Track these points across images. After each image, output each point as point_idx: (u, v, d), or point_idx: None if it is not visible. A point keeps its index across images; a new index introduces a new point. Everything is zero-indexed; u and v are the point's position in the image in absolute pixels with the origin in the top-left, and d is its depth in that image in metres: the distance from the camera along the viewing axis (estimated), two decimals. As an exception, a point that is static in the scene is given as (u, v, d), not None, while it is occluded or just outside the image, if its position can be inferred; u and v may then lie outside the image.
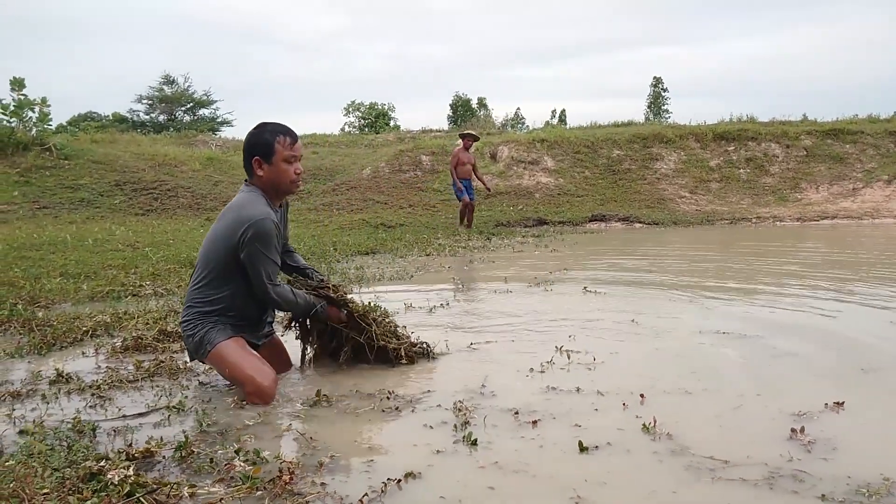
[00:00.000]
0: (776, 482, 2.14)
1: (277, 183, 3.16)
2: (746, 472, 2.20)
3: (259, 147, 3.11)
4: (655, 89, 58.97)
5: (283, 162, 3.11)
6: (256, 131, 3.15)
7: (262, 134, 3.12)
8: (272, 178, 3.13)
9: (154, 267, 7.10)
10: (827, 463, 2.28)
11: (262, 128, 3.15)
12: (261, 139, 3.11)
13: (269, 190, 3.17)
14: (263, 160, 3.11)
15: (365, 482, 2.15)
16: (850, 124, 20.69)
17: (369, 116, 44.57)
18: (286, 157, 3.11)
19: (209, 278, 3.12)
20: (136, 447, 2.32)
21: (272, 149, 3.09)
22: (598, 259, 8.69)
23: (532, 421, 2.68)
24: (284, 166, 3.12)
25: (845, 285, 6.09)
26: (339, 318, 3.43)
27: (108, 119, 39.83)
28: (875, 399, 3.00)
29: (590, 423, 2.67)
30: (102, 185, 16.17)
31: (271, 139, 3.10)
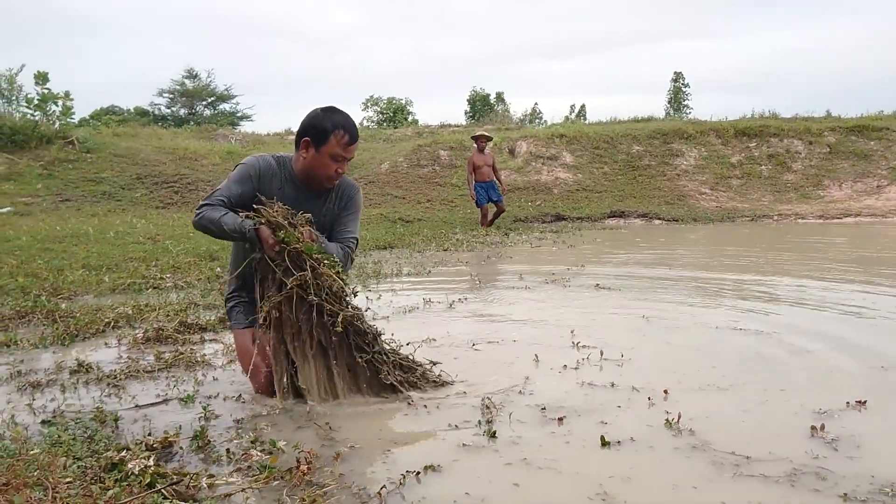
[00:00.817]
0: (798, 479, 2.12)
1: (313, 171, 3.02)
2: (769, 469, 2.19)
3: (314, 131, 2.96)
4: (676, 84, 58.32)
5: (329, 156, 2.96)
6: (321, 115, 2.97)
7: (324, 120, 2.95)
8: (311, 165, 3.00)
9: (174, 260, 7.17)
10: (851, 461, 2.26)
11: (329, 114, 2.98)
12: (320, 124, 2.95)
13: (301, 172, 3.05)
14: (312, 145, 2.96)
15: (384, 474, 2.16)
16: (875, 120, 20.37)
17: (387, 111, 44.57)
18: (335, 154, 2.96)
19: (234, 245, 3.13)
20: (155, 437, 2.34)
21: (326, 139, 2.94)
22: (617, 255, 8.64)
23: (558, 417, 2.68)
24: (328, 161, 2.97)
25: (867, 283, 6.00)
26: (272, 244, 2.80)
27: (129, 113, 40.23)
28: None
29: (614, 419, 2.68)
30: (124, 179, 16.34)
31: (330, 129, 2.94)
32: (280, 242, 2.75)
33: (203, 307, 4.94)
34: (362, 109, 47.03)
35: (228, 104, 43.30)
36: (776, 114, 22.52)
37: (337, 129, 2.93)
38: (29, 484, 1.84)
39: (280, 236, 2.75)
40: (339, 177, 3.04)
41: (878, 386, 3.13)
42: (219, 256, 7.48)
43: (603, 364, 3.49)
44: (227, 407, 2.83)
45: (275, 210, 2.82)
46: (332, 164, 2.97)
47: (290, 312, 2.80)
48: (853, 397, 2.83)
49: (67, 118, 18.94)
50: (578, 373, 3.34)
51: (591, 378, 3.23)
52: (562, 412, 2.73)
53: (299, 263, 2.79)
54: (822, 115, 22.53)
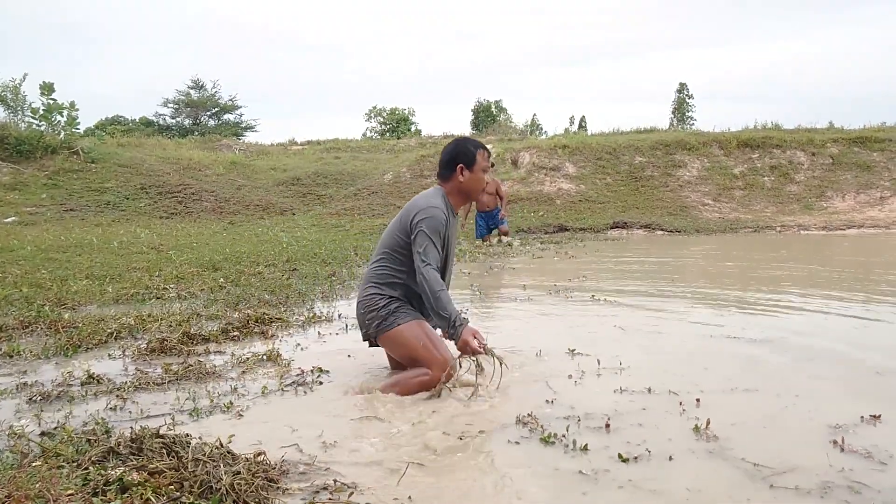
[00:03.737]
0: (830, 492, 2.16)
1: (471, 188, 3.52)
2: (797, 479, 2.23)
3: (464, 156, 3.48)
4: (680, 95, 58.53)
5: (480, 171, 3.50)
6: (462, 142, 3.55)
7: (467, 145, 3.53)
8: (469, 184, 3.50)
9: (178, 270, 7.19)
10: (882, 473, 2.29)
11: (466, 141, 3.57)
12: (466, 149, 3.50)
13: (459, 193, 3.53)
14: (466, 167, 3.47)
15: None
16: (878, 132, 20.40)
17: (391, 121, 44.75)
18: (483, 168, 3.52)
19: (386, 259, 3.44)
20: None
21: (475, 159, 3.48)
22: (618, 266, 8.63)
23: (605, 424, 2.72)
24: (480, 175, 3.52)
25: (869, 294, 5.99)
26: (469, 348, 3.14)
27: (134, 123, 40.44)
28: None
29: (639, 428, 2.67)
30: (128, 189, 16.42)
31: (474, 151, 3.50)
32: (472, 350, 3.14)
33: (206, 318, 4.94)
34: (365, 120, 47.29)
35: (233, 115, 43.52)
36: (779, 125, 22.58)
37: (479, 149, 3.53)
38: (30, 496, 1.84)
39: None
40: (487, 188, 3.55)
41: (886, 393, 3.17)
42: (221, 267, 7.50)
43: (608, 374, 3.49)
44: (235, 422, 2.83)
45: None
46: (483, 178, 3.55)
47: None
48: (866, 405, 2.88)
49: (72, 128, 19.04)
50: (587, 383, 3.35)
51: (599, 387, 3.25)
52: (591, 420, 2.73)
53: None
54: (825, 127, 22.57)
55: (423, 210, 3.34)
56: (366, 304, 3.41)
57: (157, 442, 2.27)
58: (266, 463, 2.24)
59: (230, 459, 2.21)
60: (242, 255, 8.54)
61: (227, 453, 2.24)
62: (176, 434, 2.38)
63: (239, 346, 4.18)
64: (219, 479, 2.05)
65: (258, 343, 4.29)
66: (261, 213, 16.18)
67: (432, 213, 3.34)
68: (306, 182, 18.69)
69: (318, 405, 3.07)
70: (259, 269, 7.45)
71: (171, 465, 2.14)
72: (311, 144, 27.53)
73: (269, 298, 5.69)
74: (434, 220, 3.33)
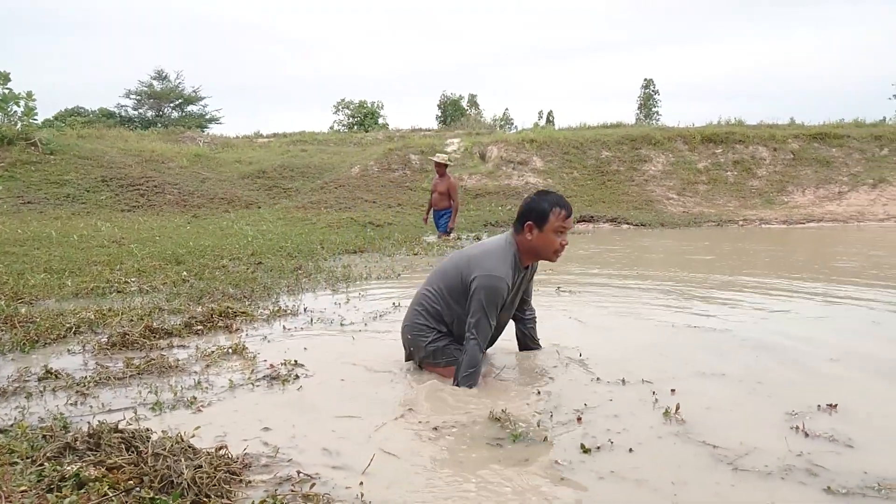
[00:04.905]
0: (790, 474, 2.22)
1: (541, 250, 3.27)
2: (759, 461, 2.28)
3: (535, 213, 3.23)
4: (646, 91, 59.17)
5: (552, 232, 3.22)
6: (537, 198, 3.27)
7: (541, 202, 3.24)
8: (538, 245, 3.25)
9: (140, 263, 7.06)
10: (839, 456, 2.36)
11: (543, 196, 3.28)
12: (539, 207, 3.23)
13: (528, 252, 3.30)
14: (536, 226, 3.22)
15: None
16: (837, 128, 20.87)
17: (358, 115, 44.47)
18: (557, 228, 3.22)
19: (439, 295, 3.37)
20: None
21: (546, 218, 3.21)
22: (585, 260, 8.71)
23: (577, 417, 2.74)
24: (552, 236, 3.23)
25: (826, 285, 6.14)
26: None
27: (94, 114, 39.55)
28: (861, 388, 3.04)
29: (612, 419, 2.69)
30: (88, 181, 16.05)
31: (548, 209, 3.21)
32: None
33: (169, 312, 4.86)
34: (333, 113, 46.92)
35: (197, 106, 42.84)
36: (742, 121, 22.94)
37: (554, 207, 3.22)
38: (-17, 493, 1.79)
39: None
40: (564, 248, 3.30)
41: (841, 380, 3.27)
42: (184, 260, 7.38)
43: (577, 366, 3.51)
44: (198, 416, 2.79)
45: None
46: (556, 239, 3.23)
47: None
48: (824, 392, 2.97)
49: (30, 119, 18.55)
50: (565, 375, 3.37)
51: (574, 377, 3.27)
52: (564, 413, 2.75)
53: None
54: (787, 123, 23.00)
55: (487, 276, 3.14)
56: (414, 332, 3.42)
57: (115, 437, 2.23)
58: (228, 456, 2.21)
59: (191, 454, 2.17)
60: (206, 249, 8.41)
61: (188, 447, 2.21)
62: (136, 429, 2.33)
63: (203, 340, 4.12)
64: (180, 474, 2.01)
65: (222, 337, 4.23)
66: (225, 206, 15.96)
67: (494, 285, 3.14)
68: (272, 175, 18.48)
69: (287, 400, 3.04)
70: (223, 262, 7.35)
71: (131, 461, 2.10)
72: (277, 137, 27.22)
73: (233, 292, 5.61)
74: (494, 293, 3.15)
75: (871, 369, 3.57)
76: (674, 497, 2.05)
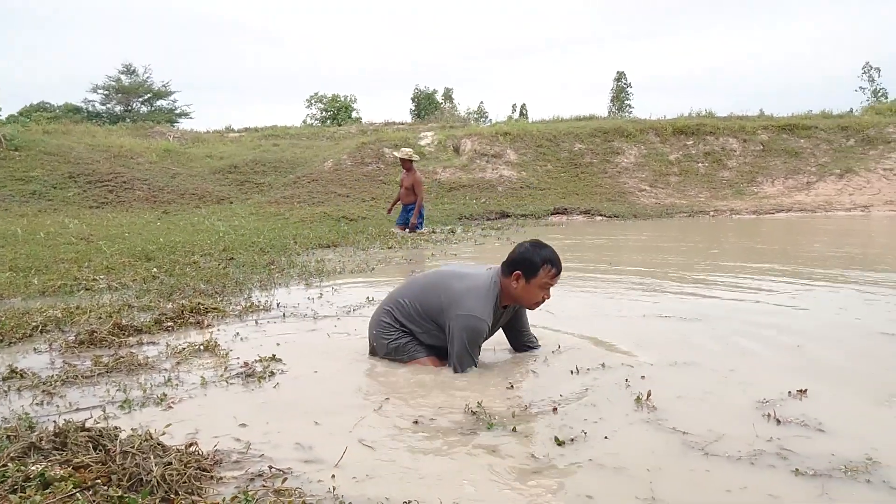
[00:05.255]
0: (759, 458, 2.25)
1: (522, 299, 3.33)
2: (729, 447, 2.30)
3: (526, 264, 3.26)
4: (619, 84, 59.51)
5: (538, 286, 3.27)
6: (532, 250, 3.30)
7: (534, 255, 3.27)
8: (521, 294, 3.30)
9: (108, 260, 6.94)
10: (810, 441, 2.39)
11: (538, 250, 3.30)
12: (531, 260, 3.26)
13: (510, 297, 3.34)
14: (524, 277, 3.25)
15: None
16: (805, 120, 21.20)
17: (331, 109, 44.18)
18: (543, 284, 3.28)
19: (413, 309, 3.40)
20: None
21: (536, 273, 3.25)
22: (559, 251, 8.75)
23: (552, 409, 2.73)
24: (537, 290, 3.28)
25: (795, 274, 6.24)
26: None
27: (61, 110, 38.78)
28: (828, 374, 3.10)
29: (588, 407, 2.70)
30: (55, 177, 15.74)
31: (539, 265, 3.25)
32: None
33: (138, 309, 4.78)
34: (306, 107, 46.60)
35: (166, 101, 42.23)
36: (712, 113, 23.22)
37: (546, 264, 3.26)
38: (-56, 496, 1.75)
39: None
40: (544, 302, 3.36)
41: (810, 366, 3.33)
42: (155, 257, 7.27)
43: (553, 356, 3.53)
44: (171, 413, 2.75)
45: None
46: (539, 293, 3.29)
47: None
48: (793, 379, 3.01)
49: (-7, 114, 18.12)
50: (547, 363, 3.38)
51: (550, 368, 3.28)
52: (540, 404, 2.75)
53: None
54: (756, 115, 23.31)
55: (468, 317, 3.20)
56: (378, 329, 3.48)
57: (82, 435, 2.18)
58: (198, 453, 2.17)
59: (161, 451, 2.14)
60: (177, 245, 8.30)
61: (157, 445, 2.17)
62: (103, 427, 2.29)
63: (174, 337, 4.06)
64: (149, 471, 1.98)
65: (194, 333, 4.17)
66: (196, 201, 15.76)
67: (475, 326, 3.21)
68: (244, 170, 18.27)
69: (259, 395, 3.01)
70: (194, 258, 7.25)
71: (98, 459, 2.06)
72: (248, 131, 26.93)
73: (204, 288, 5.54)
74: (475, 333, 3.23)
75: (840, 354, 3.65)
76: (650, 484, 2.07)
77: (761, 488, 2.03)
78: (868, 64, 45.83)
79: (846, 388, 3.05)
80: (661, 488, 2.04)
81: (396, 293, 3.56)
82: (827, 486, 2.04)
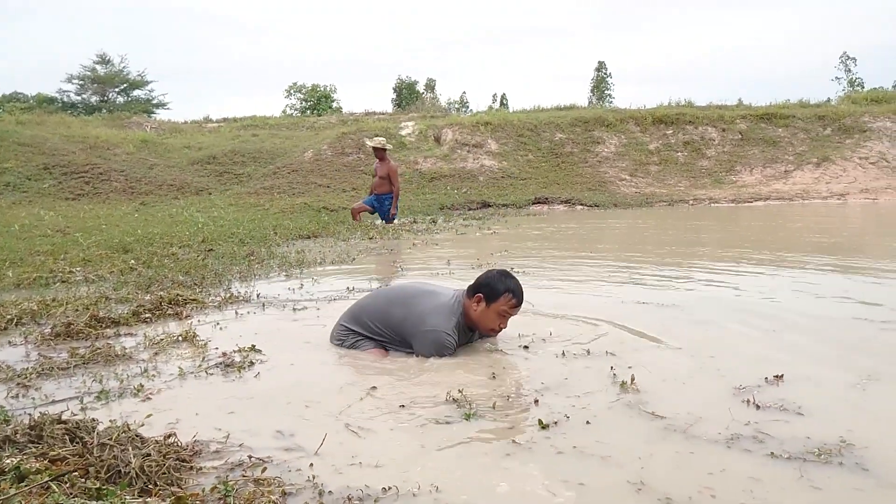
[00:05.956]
0: (736, 441, 2.28)
1: (480, 323, 3.40)
2: (707, 430, 2.34)
3: (489, 290, 3.34)
4: (599, 74, 59.65)
5: (496, 312, 3.34)
6: (498, 277, 3.38)
7: (498, 283, 3.34)
8: (479, 317, 3.38)
9: (85, 253, 6.85)
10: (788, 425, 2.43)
11: (503, 279, 3.37)
12: (495, 286, 3.34)
13: (469, 319, 3.41)
14: (484, 300, 3.33)
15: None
16: (783, 109, 21.40)
17: (311, 98, 43.86)
18: (501, 312, 3.35)
19: (387, 337, 3.45)
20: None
21: (497, 299, 3.32)
22: (540, 240, 8.78)
23: (534, 400, 2.71)
24: (494, 316, 3.36)
25: (774, 259, 6.31)
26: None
27: (35, 100, 38.12)
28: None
29: (571, 395, 2.71)
30: (30, 169, 15.50)
31: (501, 291, 3.32)
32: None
33: (115, 301, 4.72)
34: (285, 97, 46.19)
35: (143, 91, 41.65)
36: (692, 102, 23.34)
37: (508, 293, 3.33)
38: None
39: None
40: (500, 330, 3.45)
41: (786, 351, 3.38)
42: (132, 248, 7.19)
43: (536, 344, 3.54)
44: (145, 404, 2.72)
45: None
46: (497, 320, 3.38)
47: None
48: (769, 364, 3.05)
49: (-36, 105, 17.79)
50: (529, 349, 3.39)
51: (532, 357, 3.30)
52: (522, 394, 2.76)
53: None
54: (735, 104, 23.48)
55: (432, 332, 3.29)
56: (338, 335, 3.57)
57: (58, 428, 2.16)
58: (177, 444, 2.16)
59: (139, 442, 2.12)
60: (155, 237, 8.21)
61: (135, 436, 2.15)
62: (80, 419, 2.26)
63: (151, 329, 4.02)
64: (127, 463, 1.96)
65: (172, 325, 4.13)
66: (175, 193, 15.60)
67: (441, 340, 3.29)
68: (223, 161, 18.10)
69: (239, 385, 2.99)
70: (173, 250, 7.18)
71: (75, 451, 2.04)
72: (227, 122, 26.62)
73: (183, 279, 5.49)
74: (441, 347, 3.30)
75: (814, 339, 3.71)
76: (640, 471, 2.08)
77: (742, 471, 2.06)
78: (845, 54, 46.50)
79: (821, 372, 3.09)
80: (649, 473, 2.06)
81: (361, 306, 3.62)
82: (804, 469, 2.07)
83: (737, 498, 1.91)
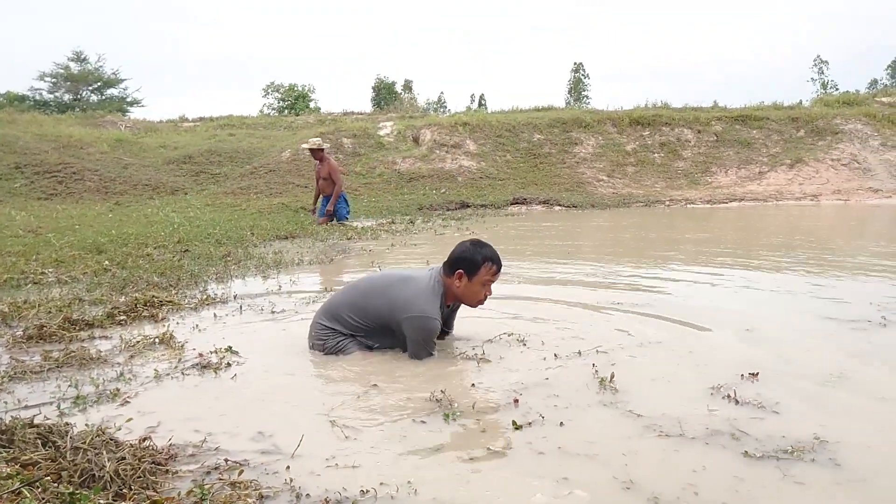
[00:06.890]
0: (714, 438, 2.32)
1: (465, 297, 3.44)
2: (686, 427, 2.35)
3: (467, 263, 3.34)
4: (576, 74, 60.00)
5: (479, 284, 3.37)
6: (474, 249, 3.37)
7: (475, 254, 3.36)
8: (464, 293, 3.40)
9: (58, 253, 6.74)
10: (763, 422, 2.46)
11: (478, 248, 3.38)
12: (472, 258, 3.35)
13: (453, 296, 3.44)
14: (466, 275, 3.34)
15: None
16: (757, 111, 21.65)
17: (289, 98, 43.58)
18: (484, 281, 3.37)
19: (368, 328, 3.43)
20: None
21: (477, 271, 3.34)
22: (519, 241, 8.81)
23: (514, 400, 2.72)
24: (479, 287, 3.38)
25: (746, 260, 6.40)
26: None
27: (4, 98, 37.39)
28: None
29: (552, 396, 2.72)
30: (0, 168, 15.23)
31: (481, 262, 3.34)
32: None
33: (89, 303, 4.66)
34: (263, 96, 45.84)
35: (117, 89, 41.06)
36: (668, 104, 23.54)
37: (487, 261, 3.35)
38: None
39: None
40: (486, 299, 3.48)
41: (761, 349, 3.43)
42: (106, 249, 7.10)
43: (516, 346, 3.55)
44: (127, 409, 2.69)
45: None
46: (482, 290, 3.40)
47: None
48: (745, 362, 3.09)
49: (-67, 103, 17.43)
50: (506, 352, 3.40)
51: (511, 355, 3.32)
52: (500, 393, 2.76)
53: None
54: (710, 106, 23.71)
55: (419, 318, 3.28)
56: (317, 335, 3.49)
57: (30, 432, 2.12)
58: (153, 447, 2.14)
59: (114, 446, 2.09)
60: (130, 237, 8.10)
61: (110, 440, 2.13)
62: (52, 423, 2.23)
63: (127, 331, 3.97)
64: (101, 467, 1.94)
65: (148, 327, 4.09)
66: (150, 192, 15.41)
67: (427, 325, 3.30)
68: (199, 160, 17.91)
69: (216, 388, 2.97)
70: (148, 250, 7.09)
71: (48, 456, 2.01)
72: (203, 121, 26.34)
73: (158, 281, 5.43)
74: (428, 332, 3.32)
75: (787, 337, 3.78)
76: (626, 469, 2.10)
77: (724, 469, 2.10)
78: (818, 57, 47.21)
79: (794, 369, 3.15)
80: (635, 471, 2.09)
81: (336, 302, 3.57)
82: (782, 466, 2.11)
83: (720, 496, 1.94)
